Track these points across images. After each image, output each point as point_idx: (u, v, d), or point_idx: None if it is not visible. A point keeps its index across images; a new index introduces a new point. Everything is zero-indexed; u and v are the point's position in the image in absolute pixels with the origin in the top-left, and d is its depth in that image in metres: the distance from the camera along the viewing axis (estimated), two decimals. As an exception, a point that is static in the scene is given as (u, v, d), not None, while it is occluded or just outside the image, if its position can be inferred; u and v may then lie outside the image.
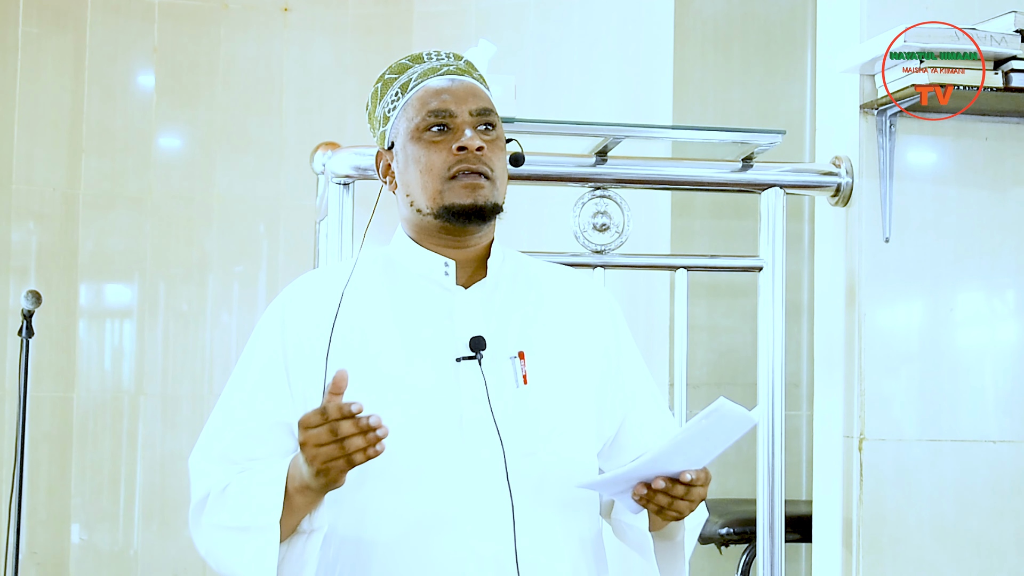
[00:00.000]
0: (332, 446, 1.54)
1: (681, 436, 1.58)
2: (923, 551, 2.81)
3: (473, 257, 1.83)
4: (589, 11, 4.47)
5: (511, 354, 1.75)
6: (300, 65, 4.81)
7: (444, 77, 1.82)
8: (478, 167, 1.76)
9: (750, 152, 2.87)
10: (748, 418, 1.58)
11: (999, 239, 2.90)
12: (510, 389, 1.74)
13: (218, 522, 1.71)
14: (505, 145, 1.83)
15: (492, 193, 1.78)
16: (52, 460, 4.55)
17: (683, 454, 1.60)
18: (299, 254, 4.58)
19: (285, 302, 1.84)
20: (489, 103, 1.82)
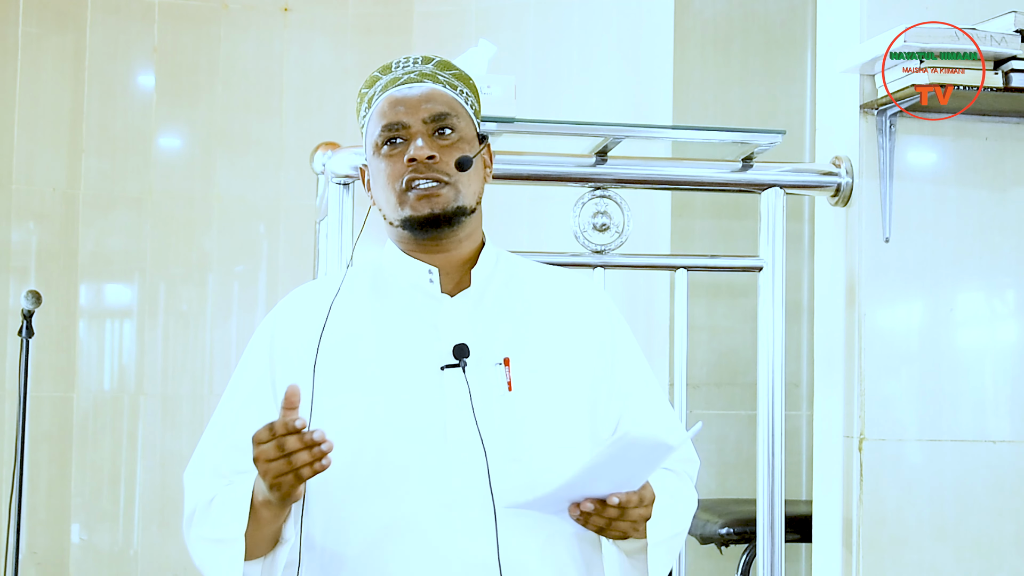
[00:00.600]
0: (280, 461, 1.56)
1: (589, 464, 1.57)
2: (923, 551, 2.81)
3: (459, 263, 1.82)
4: (589, 11, 4.47)
5: (496, 361, 1.75)
6: (300, 65, 4.81)
7: (403, 87, 1.83)
8: (429, 175, 1.76)
9: (750, 152, 2.87)
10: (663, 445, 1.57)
11: (999, 239, 2.90)
12: (495, 396, 1.73)
13: (201, 534, 1.76)
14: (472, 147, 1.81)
15: (452, 198, 1.77)
16: (52, 460, 4.55)
17: (602, 479, 1.59)
18: (299, 254, 4.58)
19: (275, 317, 1.88)
20: (448, 106, 1.81)
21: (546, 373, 1.77)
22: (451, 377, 1.73)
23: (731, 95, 4.01)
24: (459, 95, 1.84)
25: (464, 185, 1.78)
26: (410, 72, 1.84)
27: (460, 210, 1.78)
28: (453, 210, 1.77)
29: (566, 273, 1.95)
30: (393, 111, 1.81)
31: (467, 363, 1.73)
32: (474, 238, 1.84)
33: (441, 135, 1.79)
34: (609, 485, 1.60)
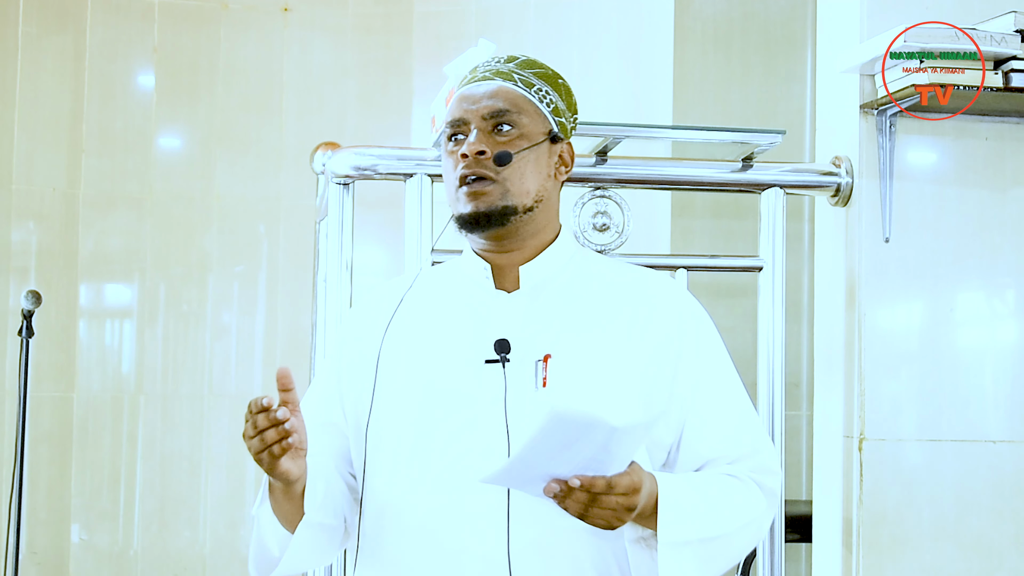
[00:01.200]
0: (256, 439, 1.62)
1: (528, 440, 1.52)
2: (923, 551, 2.81)
3: (519, 261, 1.84)
4: (589, 11, 4.47)
5: (537, 358, 1.75)
6: (300, 65, 4.81)
7: (473, 84, 1.85)
8: (478, 171, 1.77)
9: (750, 152, 2.87)
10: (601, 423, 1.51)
11: (999, 239, 2.89)
12: (528, 392, 1.74)
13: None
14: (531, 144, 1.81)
15: (499, 196, 1.78)
16: (52, 460, 4.55)
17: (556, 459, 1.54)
18: (299, 254, 4.58)
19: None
20: (510, 103, 1.81)
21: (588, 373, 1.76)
22: (491, 372, 1.75)
23: (731, 95, 4.01)
24: (533, 93, 1.84)
25: (514, 183, 1.79)
26: (487, 70, 1.86)
27: (508, 209, 1.78)
28: (500, 209, 1.78)
29: (650, 277, 1.92)
30: (458, 108, 1.83)
31: (509, 359, 1.74)
32: (539, 236, 1.85)
33: (498, 131, 1.80)
34: (568, 467, 1.56)
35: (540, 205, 1.83)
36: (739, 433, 1.84)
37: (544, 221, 1.85)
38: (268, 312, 4.75)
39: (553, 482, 1.57)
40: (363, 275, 3.29)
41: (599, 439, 1.54)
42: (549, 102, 1.87)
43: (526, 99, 1.84)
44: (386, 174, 2.76)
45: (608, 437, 1.54)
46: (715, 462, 1.81)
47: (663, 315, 1.84)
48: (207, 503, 4.67)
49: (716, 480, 1.78)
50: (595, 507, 1.59)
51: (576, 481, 1.56)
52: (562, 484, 1.57)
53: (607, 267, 1.92)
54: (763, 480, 1.83)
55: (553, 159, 1.86)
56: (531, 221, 1.82)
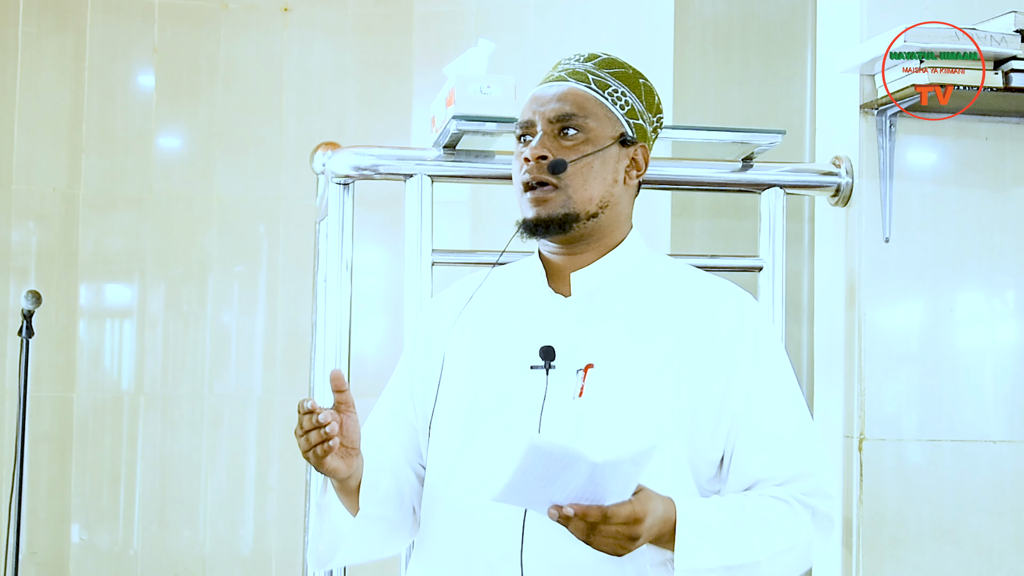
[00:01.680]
0: (303, 438, 1.66)
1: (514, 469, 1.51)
2: (923, 551, 2.81)
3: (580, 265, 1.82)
4: (589, 11, 4.47)
5: (579, 367, 1.74)
6: (300, 65, 4.81)
7: (546, 84, 1.84)
8: (539, 177, 1.77)
9: (750, 152, 2.87)
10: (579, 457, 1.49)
11: (999, 239, 2.89)
12: (566, 401, 1.73)
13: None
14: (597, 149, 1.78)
15: (561, 203, 1.76)
16: (52, 460, 4.55)
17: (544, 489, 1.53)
18: (299, 254, 4.58)
19: (429, 304, 1.99)
20: (579, 107, 1.78)
21: (628, 384, 1.73)
22: (535, 377, 1.74)
23: (731, 95, 4.00)
24: (606, 95, 1.81)
25: (576, 189, 1.77)
26: (563, 70, 1.84)
27: (570, 216, 1.77)
28: (561, 216, 1.76)
29: (714, 285, 1.87)
30: (528, 108, 1.83)
31: (553, 366, 1.73)
32: (607, 241, 1.83)
33: (564, 135, 1.78)
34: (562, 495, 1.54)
35: (606, 211, 1.80)
36: (793, 453, 1.77)
37: (611, 226, 1.83)
38: (268, 312, 4.75)
39: (552, 508, 1.56)
40: (363, 275, 3.29)
41: (581, 473, 1.52)
42: (624, 104, 1.82)
43: (597, 101, 1.80)
44: (386, 174, 2.76)
45: (590, 471, 1.52)
46: (765, 482, 1.75)
47: (720, 325, 1.79)
48: (207, 503, 4.67)
49: (756, 503, 1.72)
50: (595, 535, 1.56)
51: (569, 510, 1.54)
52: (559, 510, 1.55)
53: (672, 273, 1.87)
54: (815, 503, 1.76)
55: (623, 163, 1.83)
56: (596, 226, 1.80)
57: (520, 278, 1.88)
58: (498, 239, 1.91)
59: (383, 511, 1.80)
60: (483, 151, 2.78)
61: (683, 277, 1.87)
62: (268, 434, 4.69)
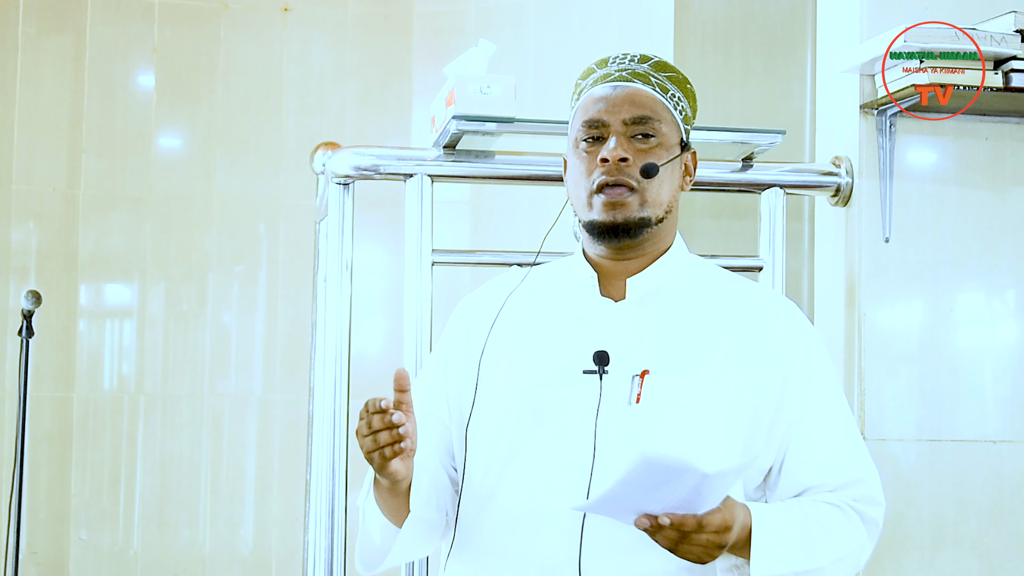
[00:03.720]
0: (369, 438, 1.62)
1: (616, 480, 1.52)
2: (923, 551, 2.81)
3: (633, 270, 1.80)
4: (589, 11, 4.47)
5: (635, 372, 1.72)
6: (300, 65, 4.81)
7: (609, 84, 1.80)
8: (619, 179, 1.74)
9: (750, 152, 2.87)
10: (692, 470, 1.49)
11: (999, 239, 2.90)
12: (622, 407, 1.71)
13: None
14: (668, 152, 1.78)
15: (637, 207, 1.75)
16: (52, 460, 4.55)
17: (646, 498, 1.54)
18: (299, 254, 4.58)
19: (457, 311, 1.92)
20: (651, 110, 1.77)
21: (688, 391, 1.72)
22: (588, 382, 1.72)
23: (731, 95, 4.00)
24: (669, 99, 1.81)
25: (652, 194, 1.76)
26: (623, 70, 1.81)
27: (644, 221, 1.76)
28: (636, 221, 1.75)
29: (761, 293, 1.87)
30: (595, 108, 1.79)
31: (607, 371, 1.71)
32: (660, 246, 1.82)
33: (640, 139, 1.77)
34: (660, 505, 1.55)
35: (668, 216, 1.80)
36: (843, 460, 1.79)
37: (667, 232, 1.82)
38: (268, 312, 4.75)
39: (644, 517, 1.56)
40: (363, 275, 3.29)
41: (690, 484, 1.52)
42: (681, 109, 1.83)
43: (664, 106, 1.80)
44: (386, 174, 2.76)
45: (699, 482, 1.52)
46: (816, 489, 1.77)
47: (773, 334, 1.79)
48: (207, 503, 4.67)
49: (815, 510, 1.74)
50: (685, 544, 1.57)
51: (666, 520, 1.54)
52: (652, 520, 1.56)
53: (718, 279, 1.87)
54: (865, 510, 1.78)
55: (680, 169, 1.83)
56: (658, 232, 1.80)
57: (565, 280, 1.85)
58: (498, 239, 1.91)
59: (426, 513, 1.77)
60: (483, 151, 2.78)
61: (731, 283, 1.87)
62: (268, 434, 4.69)
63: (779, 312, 1.84)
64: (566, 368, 1.74)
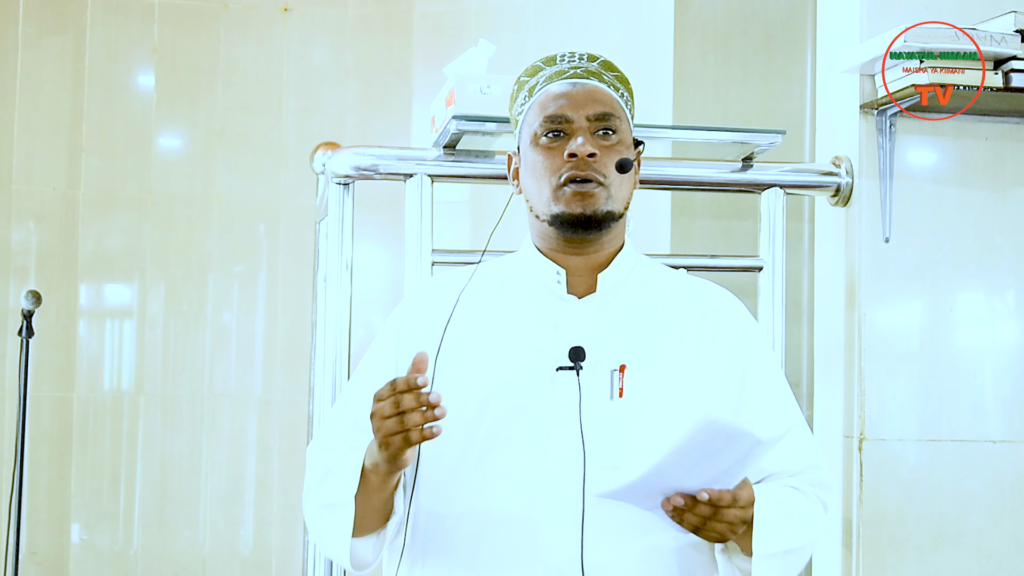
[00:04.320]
0: (393, 419, 1.57)
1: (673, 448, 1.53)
2: (923, 551, 2.81)
3: (594, 266, 1.82)
4: (589, 11, 4.47)
5: (613, 367, 1.74)
6: (300, 65, 4.81)
7: (567, 81, 1.82)
8: (588, 174, 1.75)
9: (750, 152, 2.87)
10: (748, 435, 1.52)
11: (999, 239, 2.90)
12: (604, 402, 1.73)
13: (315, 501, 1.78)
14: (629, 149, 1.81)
15: (605, 201, 1.76)
16: (52, 460, 4.55)
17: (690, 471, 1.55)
18: (299, 254, 4.58)
19: (405, 306, 1.89)
20: (612, 107, 1.80)
21: (663, 384, 1.75)
22: (564, 379, 1.73)
23: (731, 95, 4.00)
24: (620, 97, 1.84)
25: (616, 189, 1.78)
26: (576, 67, 1.83)
27: (610, 215, 1.77)
28: (604, 214, 1.76)
29: (709, 287, 1.91)
30: (556, 104, 1.80)
31: (582, 367, 1.72)
32: (615, 242, 1.84)
33: (602, 135, 1.78)
34: (699, 479, 1.56)
35: (625, 212, 1.83)
36: (800, 447, 1.83)
37: (623, 229, 1.85)
38: (268, 312, 4.75)
39: (678, 496, 1.57)
40: (363, 275, 3.29)
41: (741, 451, 1.54)
42: (630, 108, 1.86)
43: (619, 104, 1.83)
44: (386, 174, 2.76)
45: (750, 450, 1.54)
46: (777, 476, 1.81)
47: (728, 327, 1.83)
48: (207, 503, 4.67)
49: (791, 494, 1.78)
50: (714, 520, 1.60)
51: (705, 495, 1.56)
52: (687, 498, 1.57)
53: (667, 275, 1.90)
54: (821, 494, 1.84)
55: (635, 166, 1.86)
56: (618, 228, 1.82)
57: (521, 277, 1.85)
58: (498, 239, 1.90)
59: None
60: (483, 151, 2.78)
61: (679, 279, 1.91)
62: (268, 434, 4.69)
63: (730, 307, 1.88)
64: (538, 366, 1.75)
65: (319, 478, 1.78)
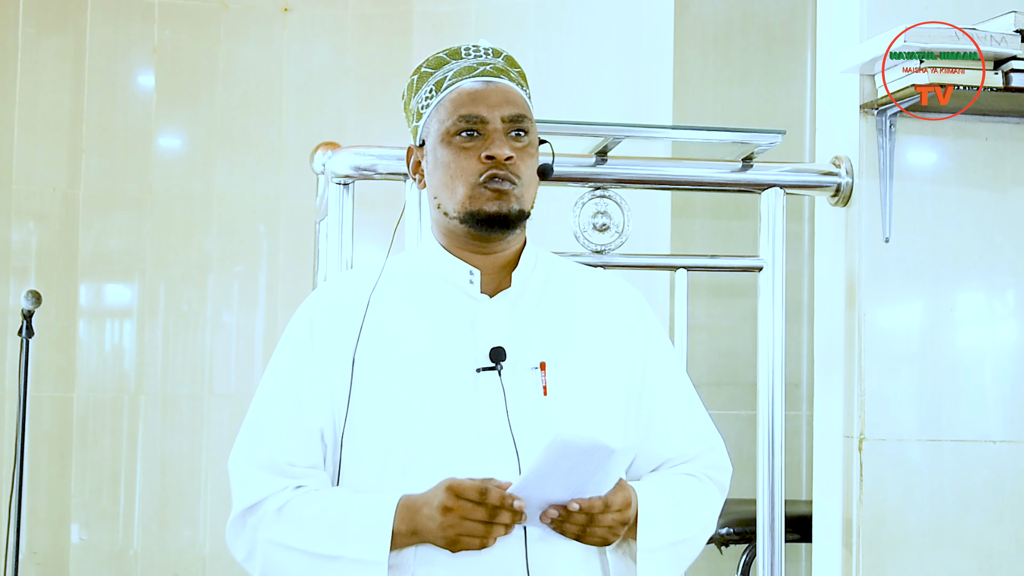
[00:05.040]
0: (480, 526, 1.59)
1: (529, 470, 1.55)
2: (923, 551, 2.81)
3: (501, 264, 1.81)
4: (589, 11, 4.47)
5: (533, 365, 1.74)
6: (300, 65, 4.81)
7: (479, 79, 1.80)
8: (505, 175, 1.75)
9: (750, 152, 2.87)
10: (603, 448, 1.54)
11: (999, 239, 2.90)
12: (530, 400, 1.73)
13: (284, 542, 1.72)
14: (537, 150, 1.82)
15: (519, 200, 1.76)
16: (52, 460, 4.55)
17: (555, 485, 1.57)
18: (299, 254, 4.58)
19: (313, 306, 1.84)
20: (523, 108, 1.80)
21: (582, 377, 1.76)
22: (487, 380, 1.73)
23: (731, 95, 4.01)
24: (526, 95, 1.84)
25: (527, 189, 1.78)
26: (486, 64, 1.82)
27: (522, 213, 1.77)
28: (518, 213, 1.76)
29: (601, 274, 1.94)
30: (471, 103, 1.78)
31: (503, 366, 1.72)
32: (520, 239, 1.84)
33: (516, 137, 1.78)
34: (566, 491, 1.59)
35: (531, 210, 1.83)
36: (695, 431, 1.87)
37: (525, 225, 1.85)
38: (268, 312, 4.75)
39: (551, 508, 1.60)
40: (363, 275, 3.28)
41: (597, 462, 1.57)
42: (531, 103, 1.86)
43: (527, 103, 1.83)
44: (386, 174, 2.76)
45: (607, 459, 1.57)
46: (672, 461, 1.84)
47: (628, 316, 1.86)
48: (207, 503, 4.67)
49: (682, 484, 1.81)
50: (593, 527, 1.63)
51: (575, 505, 1.60)
52: (560, 509, 1.60)
53: (565, 268, 1.90)
54: (717, 476, 1.87)
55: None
56: (523, 226, 1.82)
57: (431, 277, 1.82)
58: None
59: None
60: (483, 151, 2.78)
61: (578, 270, 1.91)
62: (268, 434, 4.69)
63: (628, 295, 1.90)
64: (457, 368, 1.74)
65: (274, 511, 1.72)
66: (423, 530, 1.64)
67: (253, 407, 1.82)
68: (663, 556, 1.73)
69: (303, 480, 1.74)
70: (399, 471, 1.70)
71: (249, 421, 1.81)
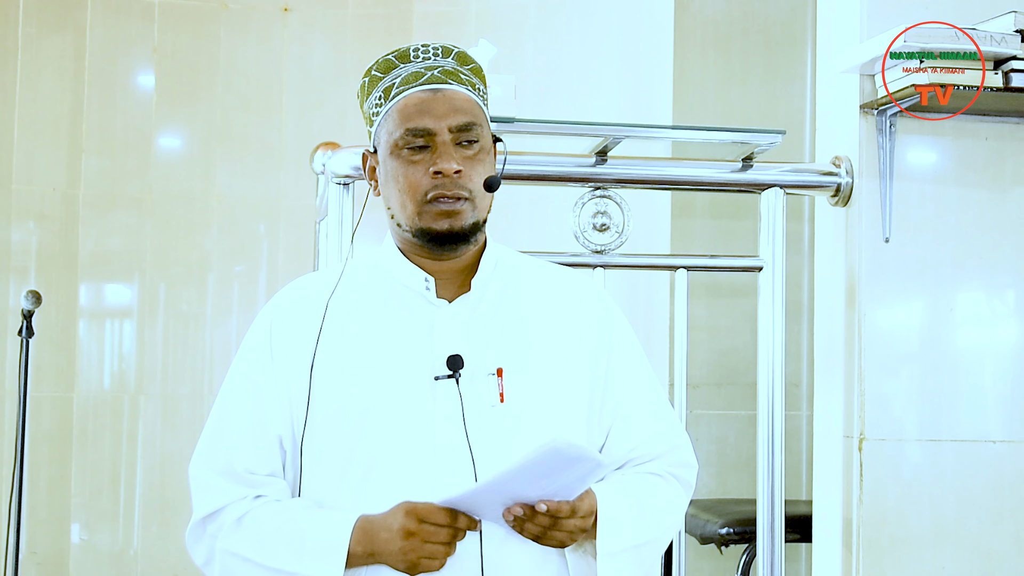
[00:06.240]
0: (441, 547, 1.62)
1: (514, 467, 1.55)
2: (923, 551, 2.81)
3: (459, 268, 1.79)
4: (589, 11, 4.47)
5: (490, 371, 1.73)
6: (300, 65, 4.81)
7: (427, 88, 1.75)
8: (454, 191, 1.72)
9: (750, 152, 2.87)
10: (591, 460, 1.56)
11: (999, 239, 2.90)
12: (487, 408, 1.71)
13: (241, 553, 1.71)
14: (489, 156, 1.78)
15: (470, 214, 1.74)
16: (52, 460, 4.55)
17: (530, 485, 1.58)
18: (299, 254, 4.58)
19: (272, 312, 1.83)
20: (472, 114, 1.75)
21: (540, 383, 1.75)
22: (444, 388, 1.71)
23: (731, 95, 4.01)
24: (478, 96, 1.79)
25: (480, 200, 1.75)
26: (433, 67, 1.77)
27: (476, 226, 1.75)
28: (470, 227, 1.74)
29: (564, 272, 1.91)
30: (418, 114, 1.74)
31: (461, 374, 1.71)
32: (479, 242, 1.81)
33: (465, 145, 1.74)
34: (538, 492, 1.60)
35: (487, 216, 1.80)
36: (660, 430, 1.85)
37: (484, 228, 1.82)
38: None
39: (517, 506, 1.61)
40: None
41: (581, 471, 1.58)
42: (484, 99, 1.81)
43: (479, 106, 1.78)
44: (386, 174, 2.75)
45: (591, 471, 1.59)
46: (637, 460, 1.83)
47: (591, 315, 1.83)
48: (207, 503, 4.67)
49: (645, 484, 1.80)
50: (554, 530, 1.63)
51: (543, 507, 1.60)
52: (526, 508, 1.60)
53: (527, 267, 1.87)
54: (682, 474, 1.86)
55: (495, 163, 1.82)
56: (481, 233, 1.79)
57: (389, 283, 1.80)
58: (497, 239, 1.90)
59: None
60: (483, 151, 2.77)
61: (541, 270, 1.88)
62: (268, 434, 4.69)
63: (591, 294, 1.87)
64: (415, 375, 1.72)
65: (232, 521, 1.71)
66: (381, 552, 1.64)
67: (213, 413, 1.81)
68: (624, 559, 1.72)
69: (262, 489, 1.73)
70: (359, 479, 1.70)
71: (209, 427, 1.80)
